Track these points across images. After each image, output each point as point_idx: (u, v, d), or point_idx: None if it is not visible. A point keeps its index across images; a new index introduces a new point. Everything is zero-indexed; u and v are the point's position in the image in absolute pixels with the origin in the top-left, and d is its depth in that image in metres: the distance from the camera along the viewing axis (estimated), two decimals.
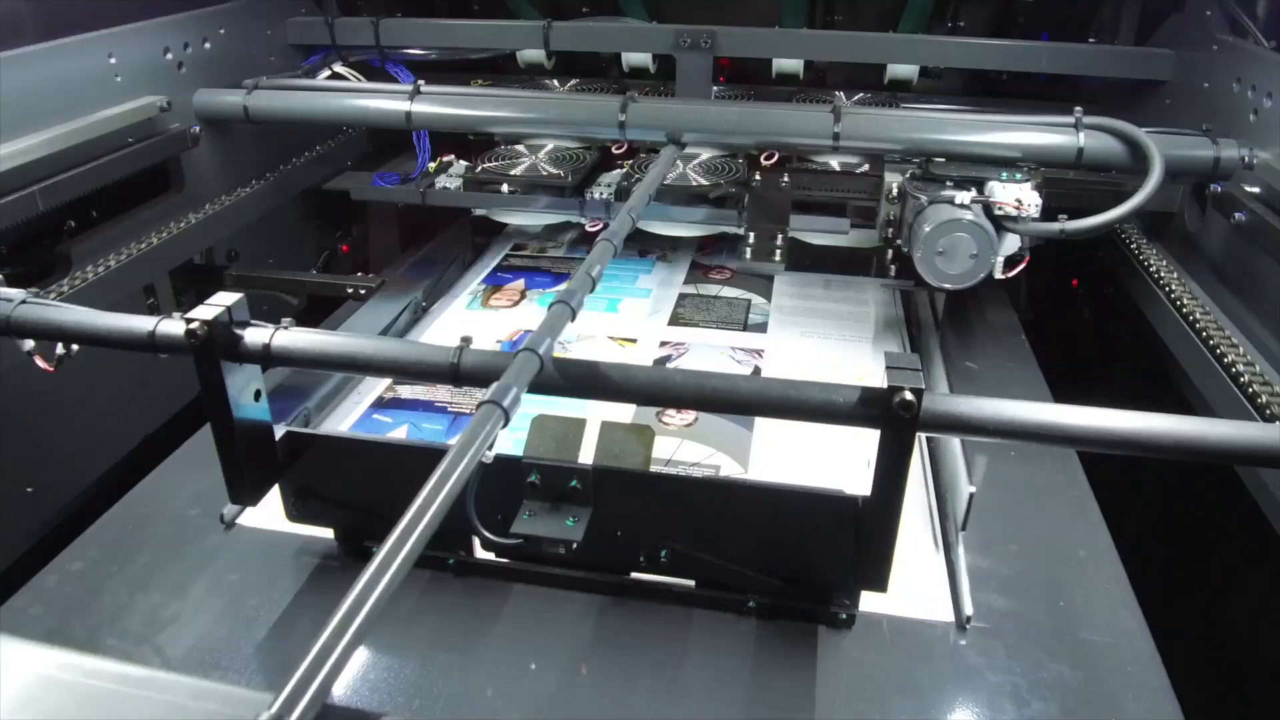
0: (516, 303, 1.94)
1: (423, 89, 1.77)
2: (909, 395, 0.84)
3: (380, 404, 1.56)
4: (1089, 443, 0.87)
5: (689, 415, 1.51)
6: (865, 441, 0.90)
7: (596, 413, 1.14)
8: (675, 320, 1.86)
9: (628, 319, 1.86)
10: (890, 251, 1.68)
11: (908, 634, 1.07)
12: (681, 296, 1.95)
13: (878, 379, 0.86)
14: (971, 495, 1.10)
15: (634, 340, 1.78)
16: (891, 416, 0.85)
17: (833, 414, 0.89)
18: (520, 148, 2.07)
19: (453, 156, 2.14)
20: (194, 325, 0.93)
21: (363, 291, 1.84)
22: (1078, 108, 1.58)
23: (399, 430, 1.48)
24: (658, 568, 1.08)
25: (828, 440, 1.40)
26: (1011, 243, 1.48)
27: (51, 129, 1.45)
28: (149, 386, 1.63)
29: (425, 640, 1.06)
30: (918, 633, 1.07)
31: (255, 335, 0.98)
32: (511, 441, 1.19)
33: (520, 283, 2.04)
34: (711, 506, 1.04)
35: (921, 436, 1.42)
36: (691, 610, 1.09)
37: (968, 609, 1.08)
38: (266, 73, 1.93)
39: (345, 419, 1.52)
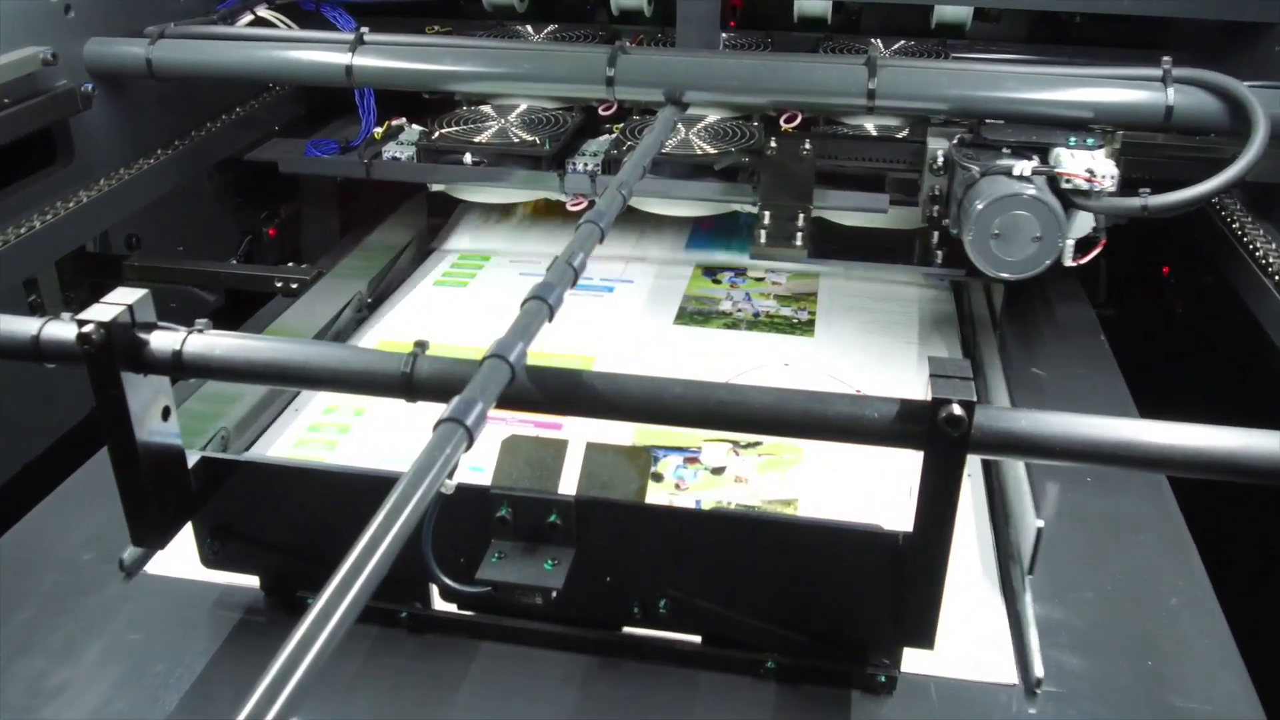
0: None
1: (366, 38, 1.78)
2: (957, 409, 0.84)
3: None
4: (1182, 466, 0.88)
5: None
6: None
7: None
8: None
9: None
10: (936, 234, 1.69)
11: (960, 700, 1.07)
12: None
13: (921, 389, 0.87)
14: (1039, 531, 1.10)
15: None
16: (937, 436, 0.86)
17: (865, 432, 0.90)
18: (486, 109, 2.07)
19: (404, 120, 2.14)
20: (87, 328, 0.94)
21: (294, 285, 1.85)
22: (1166, 57, 1.59)
23: None
24: (656, 620, 1.08)
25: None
26: (1083, 223, 1.48)
27: None
28: (31, 400, 1.63)
29: (373, 710, 1.06)
30: (972, 698, 1.08)
31: (163, 340, 0.99)
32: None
33: None
34: (720, 546, 1.05)
35: (977, 460, 1.43)
36: (697, 673, 1.10)
37: (1038, 669, 1.08)
38: (174, 18, 1.93)
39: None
